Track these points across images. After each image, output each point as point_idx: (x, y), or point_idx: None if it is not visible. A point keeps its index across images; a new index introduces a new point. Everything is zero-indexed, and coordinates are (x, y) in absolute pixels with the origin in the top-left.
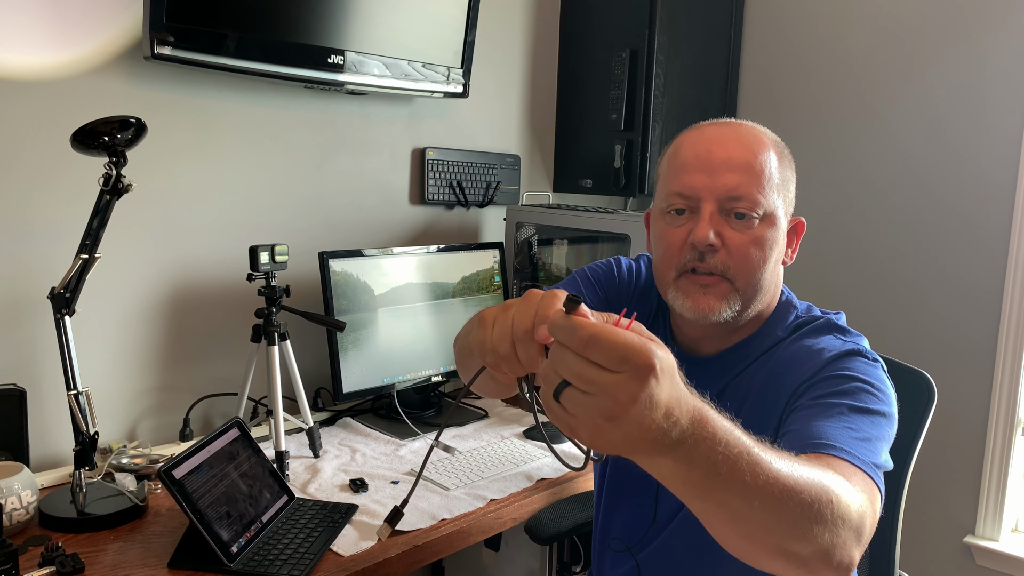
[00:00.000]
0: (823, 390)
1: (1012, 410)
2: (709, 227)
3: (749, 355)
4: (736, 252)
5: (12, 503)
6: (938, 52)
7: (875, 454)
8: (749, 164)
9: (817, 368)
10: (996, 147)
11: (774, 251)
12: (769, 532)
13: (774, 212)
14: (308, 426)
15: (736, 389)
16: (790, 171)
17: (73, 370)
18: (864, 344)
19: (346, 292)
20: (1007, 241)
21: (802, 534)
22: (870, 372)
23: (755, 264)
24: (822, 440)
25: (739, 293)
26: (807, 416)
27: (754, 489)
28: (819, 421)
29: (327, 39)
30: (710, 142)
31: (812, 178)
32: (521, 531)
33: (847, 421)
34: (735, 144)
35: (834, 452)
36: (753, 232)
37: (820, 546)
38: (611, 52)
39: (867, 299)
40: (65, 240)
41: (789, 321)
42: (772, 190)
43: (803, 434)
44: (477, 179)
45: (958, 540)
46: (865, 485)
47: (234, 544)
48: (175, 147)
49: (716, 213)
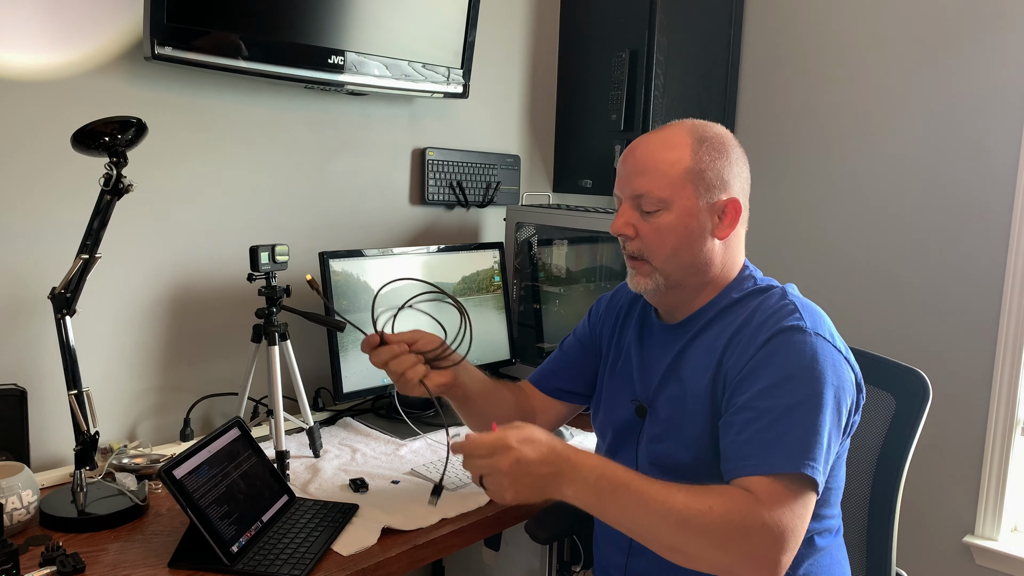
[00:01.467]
0: (758, 384)
1: (1011, 409)
2: (622, 219)
3: (705, 317)
4: (645, 238)
5: (13, 503)
6: (938, 51)
7: (806, 449)
8: (650, 167)
9: (758, 347)
10: (996, 146)
11: (682, 233)
12: (675, 549)
13: (679, 201)
14: (308, 426)
15: (697, 346)
16: (711, 161)
17: (74, 370)
18: (808, 317)
19: (346, 292)
20: (1007, 241)
21: (709, 549)
22: (806, 349)
23: (662, 244)
24: (756, 459)
25: (658, 271)
26: (743, 424)
27: (646, 513)
28: (753, 435)
29: (327, 40)
30: (629, 152)
31: (811, 177)
32: (521, 531)
33: (779, 427)
34: (644, 151)
35: (763, 472)
36: (657, 221)
37: (736, 556)
38: (611, 52)
39: (867, 298)
40: (65, 240)
41: (746, 287)
42: (675, 184)
43: (739, 449)
44: (477, 179)
45: (957, 540)
46: (785, 492)
47: (234, 544)
48: (176, 147)
49: (630, 209)
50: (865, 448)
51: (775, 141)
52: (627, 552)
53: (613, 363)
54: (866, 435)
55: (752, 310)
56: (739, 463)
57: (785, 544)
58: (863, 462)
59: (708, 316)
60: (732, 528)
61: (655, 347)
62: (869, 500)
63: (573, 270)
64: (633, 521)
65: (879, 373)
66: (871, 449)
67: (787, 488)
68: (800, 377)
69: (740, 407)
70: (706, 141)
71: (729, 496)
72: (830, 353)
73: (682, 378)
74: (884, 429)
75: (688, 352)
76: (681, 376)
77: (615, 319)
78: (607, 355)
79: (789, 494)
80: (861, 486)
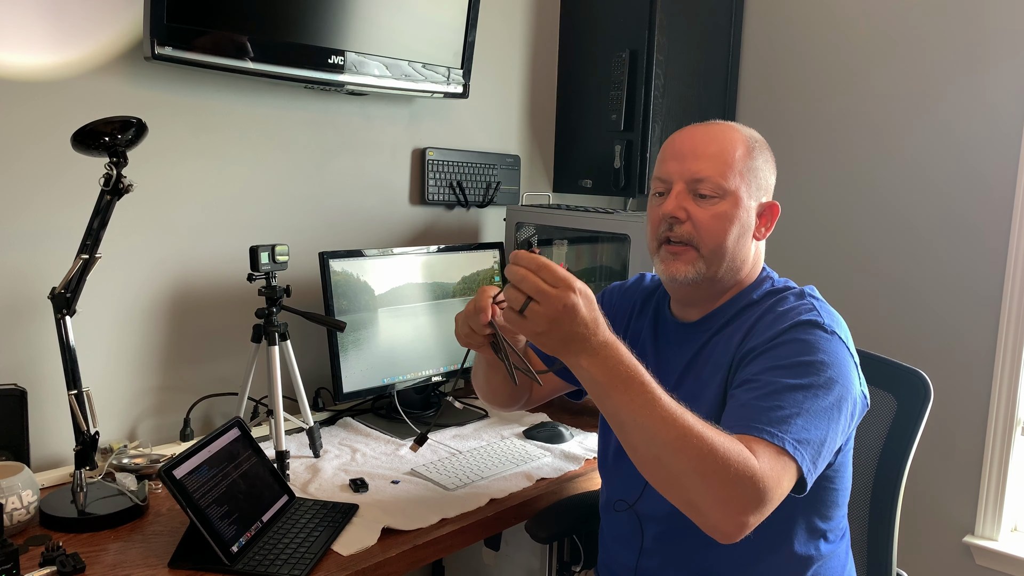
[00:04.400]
0: (767, 363)
1: (1011, 409)
2: (675, 202)
3: (725, 316)
4: (700, 224)
5: (13, 503)
6: (937, 51)
7: (799, 430)
8: (713, 153)
9: (773, 335)
10: (996, 147)
11: (735, 225)
12: (658, 461)
13: (736, 193)
14: (308, 426)
15: (715, 345)
16: (762, 163)
17: (74, 370)
18: (827, 316)
19: (346, 292)
20: (1007, 240)
21: (692, 475)
22: (820, 343)
23: (716, 233)
24: (745, 421)
25: (704, 259)
26: (744, 393)
27: (650, 414)
28: (750, 400)
29: (327, 40)
30: (684, 137)
31: (811, 177)
32: (521, 531)
33: (778, 399)
34: (703, 138)
35: (752, 432)
36: (715, 208)
37: (711, 495)
38: (611, 52)
39: (867, 298)
40: (66, 240)
41: (764, 288)
42: (735, 176)
43: (733, 413)
44: (477, 179)
45: (957, 540)
46: (774, 460)
47: (234, 544)
48: (176, 147)
49: (684, 193)
50: (866, 448)
51: (775, 141)
52: (638, 551)
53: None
54: (867, 435)
55: (769, 306)
56: (736, 423)
57: (761, 504)
58: (864, 462)
59: (727, 315)
60: (724, 466)
61: (671, 345)
62: (870, 501)
63: (573, 270)
64: (632, 417)
65: (880, 373)
66: (872, 449)
67: (779, 458)
68: (813, 365)
69: (745, 380)
70: (758, 143)
71: (733, 441)
72: (845, 356)
73: (700, 377)
74: (885, 430)
75: (705, 351)
76: (699, 376)
77: (629, 310)
78: None
79: (780, 465)
80: (862, 487)
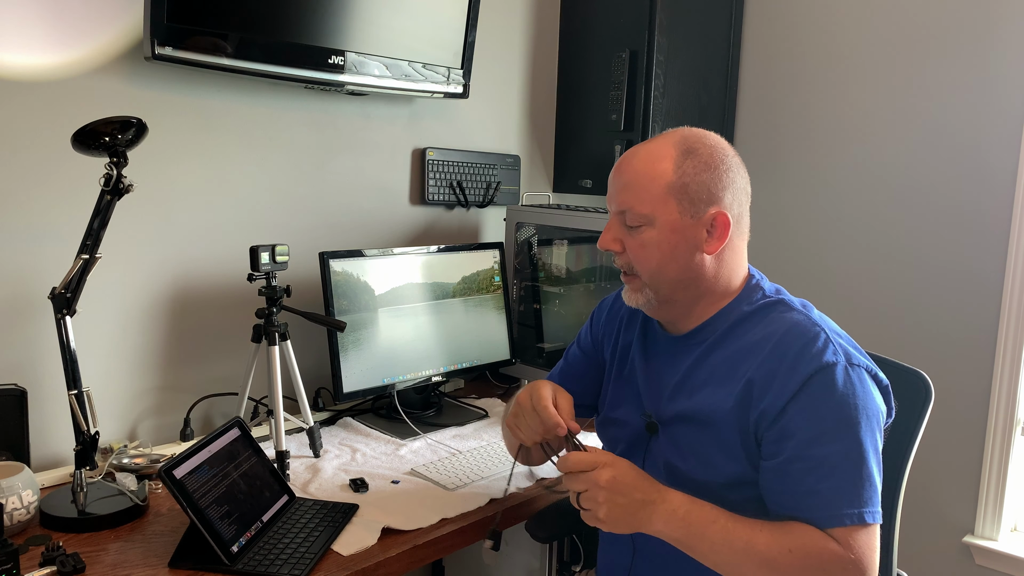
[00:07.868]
0: (810, 432)
1: (1011, 409)
2: (609, 235)
3: (717, 329)
4: (632, 253)
5: (13, 503)
6: (937, 51)
7: (865, 494)
8: (630, 182)
9: (800, 385)
10: (996, 146)
11: (666, 250)
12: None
13: (662, 217)
14: (308, 426)
15: (711, 363)
16: (697, 174)
17: (74, 370)
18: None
19: (346, 292)
20: (1007, 240)
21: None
22: (851, 388)
23: (646, 261)
24: (825, 512)
25: (648, 286)
26: (801, 473)
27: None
28: (814, 486)
29: (328, 40)
30: (617, 164)
31: (811, 177)
32: (521, 531)
33: (839, 476)
34: (627, 166)
35: (837, 523)
36: (641, 237)
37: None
38: (611, 53)
39: (867, 298)
40: (66, 240)
41: (755, 299)
42: (657, 200)
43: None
44: (477, 179)
45: (957, 540)
46: (861, 534)
47: (235, 544)
48: (176, 147)
49: (617, 223)
50: None
51: (775, 141)
52: (631, 554)
53: (619, 370)
54: None
55: (773, 331)
56: (817, 513)
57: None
58: None
59: (719, 329)
60: (814, 571)
61: (661, 358)
62: None
63: (573, 270)
64: (719, 557)
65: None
66: None
67: (864, 530)
68: (853, 420)
69: (791, 457)
70: (692, 154)
71: (811, 538)
72: (866, 385)
73: (695, 395)
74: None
75: (700, 368)
76: (694, 393)
77: (617, 325)
78: (610, 363)
79: (865, 534)
80: None
